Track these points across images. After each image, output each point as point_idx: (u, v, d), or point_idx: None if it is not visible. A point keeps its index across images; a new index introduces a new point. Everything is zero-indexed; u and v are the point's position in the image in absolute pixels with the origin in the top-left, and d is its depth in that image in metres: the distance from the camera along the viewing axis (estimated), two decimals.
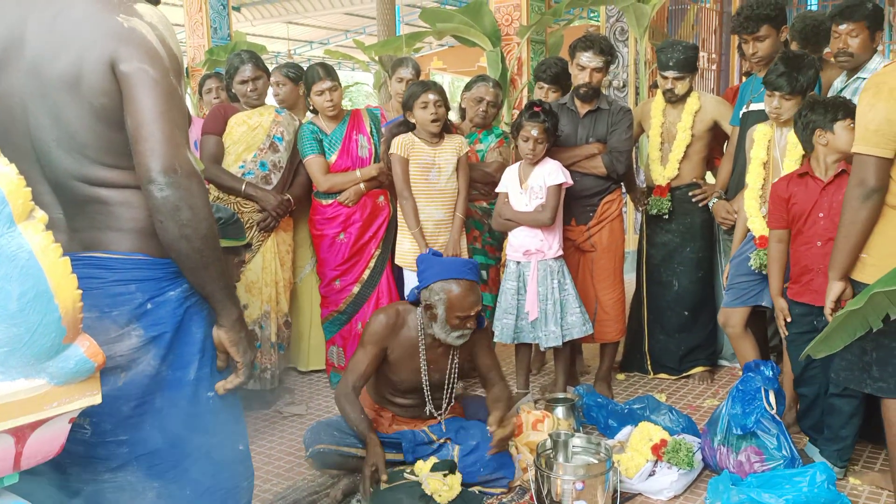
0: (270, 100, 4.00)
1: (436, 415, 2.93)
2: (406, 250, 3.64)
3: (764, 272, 3.14)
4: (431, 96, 3.47)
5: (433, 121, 3.48)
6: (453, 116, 4.08)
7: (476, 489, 2.67)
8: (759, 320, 3.56)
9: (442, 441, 2.85)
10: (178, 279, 1.63)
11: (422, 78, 4.14)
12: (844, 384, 2.57)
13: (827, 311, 2.55)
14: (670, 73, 3.68)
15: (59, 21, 1.54)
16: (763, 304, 3.25)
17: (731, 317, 3.32)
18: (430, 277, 2.77)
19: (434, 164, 3.55)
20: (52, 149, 1.55)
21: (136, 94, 1.50)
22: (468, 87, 3.94)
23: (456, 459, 2.71)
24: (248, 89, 3.68)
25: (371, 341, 2.80)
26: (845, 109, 2.75)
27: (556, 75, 4.06)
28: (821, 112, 2.78)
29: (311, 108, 3.88)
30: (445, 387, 2.91)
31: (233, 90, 3.79)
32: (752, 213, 3.24)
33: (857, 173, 2.36)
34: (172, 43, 1.62)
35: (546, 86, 4.09)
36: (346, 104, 3.90)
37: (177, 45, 1.65)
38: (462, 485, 2.60)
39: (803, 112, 2.85)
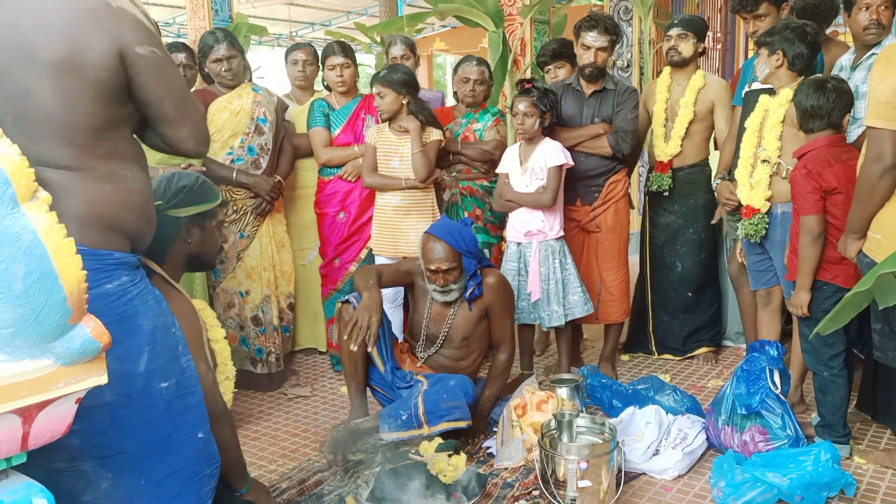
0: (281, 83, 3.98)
1: (418, 354, 3.18)
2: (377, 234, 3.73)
3: (755, 241, 3.07)
4: (376, 89, 3.56)
5: (383, 117, 3.59)
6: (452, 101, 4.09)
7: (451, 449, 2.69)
8: None
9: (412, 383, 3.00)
10: (115, 271, 1.64)
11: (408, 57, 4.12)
12: None
13: (851, 255, 2.55)
14: (674, 31, 3.68)
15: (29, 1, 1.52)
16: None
17: (775, 294, 3.24)
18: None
19: (397, 152, 3.59)
20: (6, 126, 1.52)
21: (158, 75, 1.64)
22: (455, 70, 3.96)
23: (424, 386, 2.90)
24: (223, 69, 3.58)
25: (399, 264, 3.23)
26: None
27: (555, 51, 4.08)
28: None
29: (326, 84, 3.93)
30: (438, 339, 3.13)
31: (205, 69, 3.69)
32: (741, 181, 3.14)
33: (874, 147, 2.32)
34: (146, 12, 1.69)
35: (550, 65, 4.09)
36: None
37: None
38: (428, 421, 2.71)
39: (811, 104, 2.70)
